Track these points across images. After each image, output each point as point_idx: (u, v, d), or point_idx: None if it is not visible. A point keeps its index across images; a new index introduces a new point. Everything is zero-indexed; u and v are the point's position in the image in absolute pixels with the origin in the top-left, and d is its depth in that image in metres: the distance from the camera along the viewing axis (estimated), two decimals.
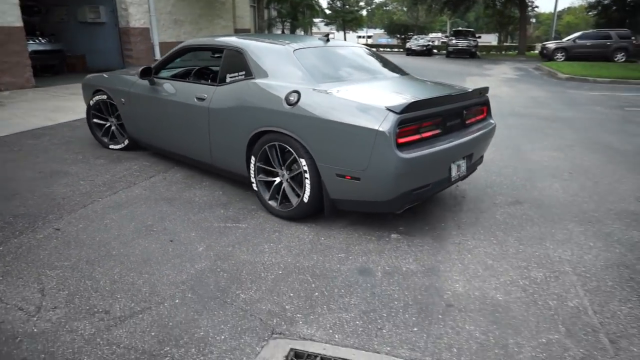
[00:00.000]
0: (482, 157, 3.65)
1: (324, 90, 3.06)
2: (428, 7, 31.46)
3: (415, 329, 2.13)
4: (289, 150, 3.10)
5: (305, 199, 3.08)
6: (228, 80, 3.56)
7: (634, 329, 2.15)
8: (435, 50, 33.48)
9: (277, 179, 3.30)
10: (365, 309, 2.28)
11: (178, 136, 4.04)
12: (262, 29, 17.36)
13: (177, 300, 2.32)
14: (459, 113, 3.19)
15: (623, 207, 3.69)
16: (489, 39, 52.05)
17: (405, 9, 36.53)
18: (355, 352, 1.97)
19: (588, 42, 23.35)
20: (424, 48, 31.02)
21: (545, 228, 3.27)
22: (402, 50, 37.43)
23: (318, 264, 2.71)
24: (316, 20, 31.18)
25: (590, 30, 26.63)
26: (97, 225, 3.17)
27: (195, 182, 4.08)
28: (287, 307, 2.29)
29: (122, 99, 4.52)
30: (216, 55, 4.65)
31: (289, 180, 3.23)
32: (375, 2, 53.04)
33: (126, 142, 4.84)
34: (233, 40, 3.75)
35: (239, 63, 3.52)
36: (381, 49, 43.09)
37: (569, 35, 27.22)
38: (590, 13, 36.33)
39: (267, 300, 2.34)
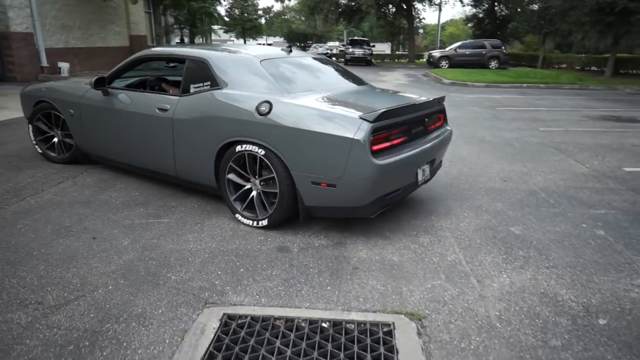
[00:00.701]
0: (441, 161, 3.87)
1: (294, 100, 3.11)
2: (325, 16, 32.85)
3: (329, 288, 2.53)
4: (261, 160, 3.12)
5: (279, 206, 3.12)
6: (192, 90, 3.50)
7: (493, 272, 2.76)
8: (334, 59, 34.99)
9: (249, 189, 3.32)
10: (286, 277, 2.64)
11: (137, 149, 3.89)
12: (160, 36, 16.94)
13: (110, 287, 2.48)
14: (421, 121, 3.37)
15: (490, 185, 4.48)
16: (383, 47, 55.53)
17: (303, 18, 37.61)
18: (280, 309, 2.31)
19: (467, 51, 26.04)
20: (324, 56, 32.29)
21: (431, 205, 3.89)
22: None
23: (240, 247, 3.01)
24: (215, 27, 30.91)
25: (468, 41, 29.82)
26: (9, 231, 3.14)
27: (108, 185, 4.12)
28: (216, 282, 2.56)
29: (71, 110, 4.28)
30: (171, 65, 4.63)
31: (260, 191, 3.26)
32: (274, 11, 53.88)
33: (67, 155, 4.61)
34: (195, 51, 3.70)
35: (203, 73, 3.47)
36: None
37: (452, 45, 30.16)
38: (468, 25, 40.46)
39: (197, 279, 2.59)
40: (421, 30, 67.26)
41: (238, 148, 3.19)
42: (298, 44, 49.33)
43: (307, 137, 2.88)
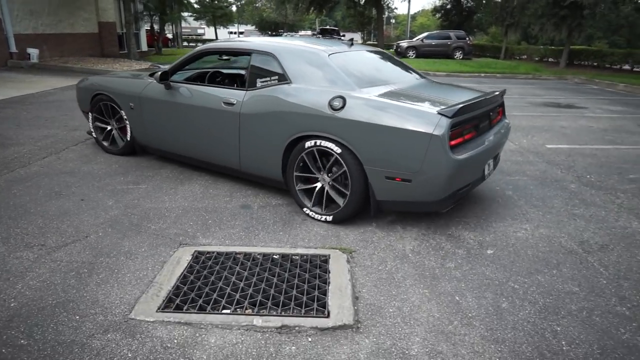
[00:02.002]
0: (499, 155, 3.78)
1: (366, 95, 3.11)
2: (295, 5, 33.12)
3: (281, 233, 3.14)
4: (332, 154, 3.14)
5: (352, 199, 3.15)
6: (259, 84, 3.51)
7: (414, 221, 3.41)
8: None
9: (318, 185, 3.35)
10: (246, 226, 3.22)
11: (200, 142, 3.90)
12: (129, 23, 16.96)
13: (100, 234, 3.01)
14: (487, 114, 3.38)
15: None
16: (355, 37, 56.12)
17: (273, 6, 37.74)
18: (240, 247, 2.91)
19: (433, 42, 26.82)
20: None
21: None
22: None
23: (209, 205, 3.57)
24: (185, 14, 30.77)
25: (434, 32, 30.64)
26: (6, 195, 3.61)
27: (90, 160, 4.59)
28: (189, 230, 3.12)
29: (131, 104, 4.29)
30: (224, 58, 4.69)
31: (328, 186, 3.29)
32: None
33: (123, 145, 4.64)
34: (261, 44, 3.67)
35: (270, 67, 3.48)
36: None
37: (419, 35, 30.96)
38: (436, 16, 41.41)
39: (173, 228, 3.15)
40: (393, 21, 68.15)
41: (309, 143, 3.21)
42: (269, 32, 49.33)
43: (384, 132, 2.90)
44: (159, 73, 4.02)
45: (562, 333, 2.15)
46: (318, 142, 3.17)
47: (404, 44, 28.34)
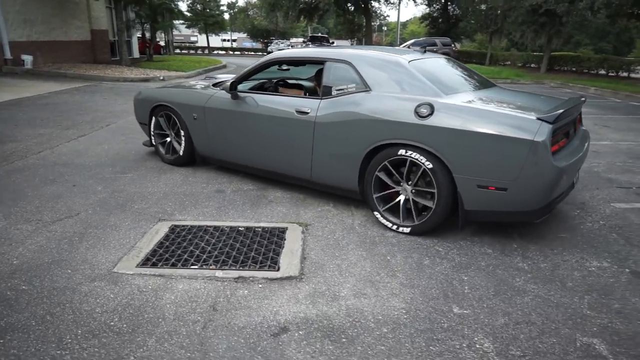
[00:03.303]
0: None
1: (454, 101, 3.06)
2: (285, 13, 33.79)
3: (248, 211, 3.61)
4: (417, 163, 3.06)
5: (437, 211, 3.05)
6: (335, 93, 3.47)
7: (362, 203, 3.90)
8: None
9: (402, 197, 3.26)
10: (219, 206, 3.69)
11: (268, 152, 3.87)
12: (121, 31, 17.43)
13: (90, 212, 3.47)
14: (574, 122, 3.34)
15: None
16: (345, 44, 56.96)
17: (264, 14, 38.44)
18: (212, 222, 3.37)
19: (419, 48, 27.48)
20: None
21: None
22: (265, 53, 39.24)
23: (187, 190, 4.04)
24: (177, 22, 31.30)
25: (421, 38, 31.43)
26: (5, 182, 4.05)
27: (81, 154, 5.05)
28: (167, 209, 3.59)
29: (194, 115, 4.28)
30: (284, 68, 4.64)
31: (410, 197, 3.19)
32: (238, 6, 54.29)
33: (179, 154, 4.59)
34: (336, 52, 3.63)
35: (346, 75, 3.45)
36: (246, 52, 44.40)
37: (406, 42, 31.67)
38: (423, 23, 42.27)
39: (153, 207, 3.61)
40: (385, 28, 69.17)
41: (392, 151, 3.14)
42: (261, 39, 50.04)
43: (478, 139, 2.80)
44: (229, 83, 4.00)
45: (467, 281, 2.63)
46: (402, 150, 3.09)
47: None
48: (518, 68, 26.06)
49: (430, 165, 3.00)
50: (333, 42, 35.71)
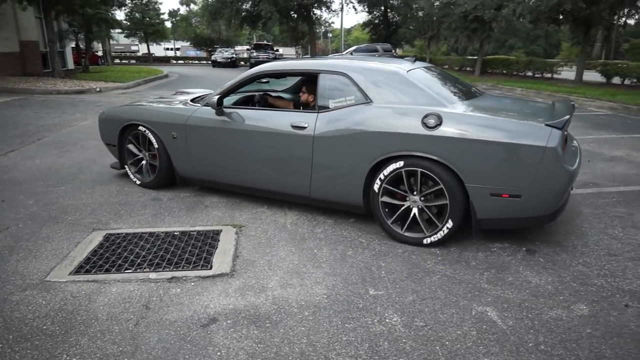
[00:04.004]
0: None
1: (460, 110, 3.08)
2: (227, 22, 33.66)
3: (184, 217, 3.73)
4: (426, 174, 3.03)
5: (451, 221, 3.03)
6: (332, 106, 3.37)
7: (297, 204, 4.13)
8: (242, 62, 35.94)
9: (406, 204, 3.21)
10: (155, 213, 3.79)
11: (263, 170, 3.71)
12: (53, 42, 16.76)
13: (20, 225, 3.46)
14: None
15: None
16: (291, 51, 57.38)
17: (205, 23, 38.10)
18: (147, 229, 3.47)
19: (362, 55, 28.24)
20: (229, 60, 33.22)
21: None
22: (209, 62, 38.81)
23: (123, 200, 4.09)
24: (115, 32, 30.42)
25: (363, 45, 32.30)
26: None
27: (10, 169, 4.94)
28: (102, 219, 3.64)
29: (174, 133, 4.00)
30: (264, 81, 4.44)
31: (422, 206, 3.15)
32: (180, 15, 53.31)
33: (150, 178, 4.34)
34: (329, 64, 3.54)
35: (343, 88, 3.36)
36: (190, 62, 43.71)
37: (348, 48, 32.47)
38: (365, 30, 43.46)
39: (88, 218, 3.65)
40: (330, 35, 70.31)
41: (399, 164, 3.08)
42: (204, 48, 49.41)
43: (491, 148, 2.82)
44: (214, 98, 3.76)
45: (384, 267, 2.91)
46: (410, 162, 3.05)
47: (335, 56, 29.67)
48: (455, 71, 27.40)
49: (439, 175, 2.97)
50: (277, 50, 35.98)
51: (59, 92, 12.58)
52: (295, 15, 34.14)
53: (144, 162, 4.40)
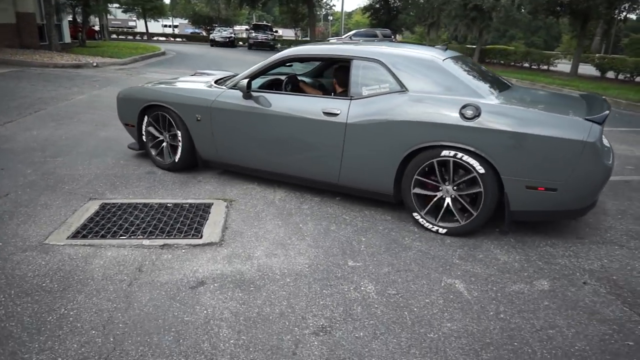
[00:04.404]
0: None
1: (498, 102, 3.06)
2: (227, 0, 33.31)
3: (177, 190, 3.89)
4: (460, 164, 3.03)
5: (481, 212, 3.05)
6: (366, 93, 3.34)
7: (285, 182, 4.29)
8: (241, 43, 35.67)
9: (439, 194, 3.21)
10: (149, 186, 3.94)
11: (290, 155, 3.67)
12: (50, 14, 16.61)
13: (19, 192, 3.61)
14: None
15: None
16: (290, 33, 56.88)
17: (204, 1, 37.66)
18: (141, 200, 3.62)
19: (360, 39, 28.07)
20: (227, 40, 32.93)
21: None
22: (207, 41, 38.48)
23: (119, 172, 4.24)
24: (112, 6, 30.04)
25: (362, 29, 32.09)
26: None
27: (8, 139, 5.06)
28: (98, 189, 3.79)
29: (198, 116, 3.92)
30: (287, 64, 4.23)
31: (457, 196, 3.15)
32: None
33: (171, 160, 4.26)
34: (364, 50, 3.47)
35: (377, 75, 3.32)
36: (187, 40, 43.28)
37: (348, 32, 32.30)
38: (365, 14, 43.15)
39: (84, 188, 3.80)
40: (331, 18, 69.65)
41: (436, 152, 3.07)
42: (203, 26, 48.89)
43: (529, 140, 2.82)
44: (243, 81, 3.66)
45: (364, 242, 3.09)
46: (446, 152, 3.04)
47: (333, 40, 29.53)
48: None
49: (479, 167, 2.96)
50: (277, 31, 35.70)
51: (56, 66, 12.57)
52: None
53: (164, 144, 4.31)
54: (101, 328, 2.10)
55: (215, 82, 4.19)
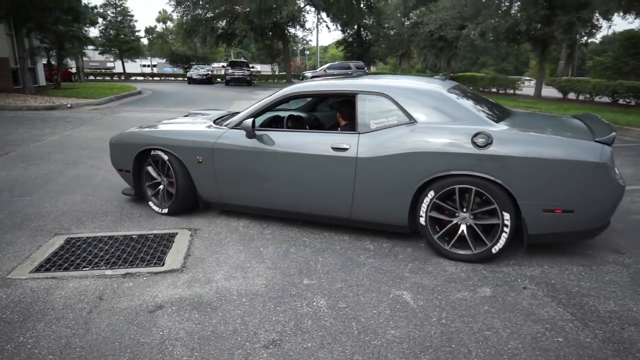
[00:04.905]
0: None
1: (506, 129, 3.14)
2: (202, 39, 34.03)
3: (144, 222, 3.99)
4: (477, 192, 3.08)
5: (503, 238, 3.09)
6: (373, 126, 3.37)
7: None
8: (219, 79, 36.25)
9: (455, 220, 3.23)
10: (115, 219, 4.04)
11: (300, 193, 3.64)
12: (24, 58, 16.80)
13: None
14: None
15: None
16: (266, 68, 58.08)
17: (180, 40, 38.41)
18: (107, 233, 3.72)
19: (335, 72, 29.00)
20: (204, 77, 33.45)
21: None
22: (185, 78, 38.99)
23: (86, 208, 4.33)
24: (89, 49, 30.39)
25: (336, 62, 33.14)
26: None
27: None
28: (65, 225, 3.88)
29: (199, 157, 3.86)
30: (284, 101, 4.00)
31: (471, 223, 3.18)
32: (156, 32, 53.45)
33: (166, 210, 4.14)
34: (368, 85, 3.54)
35: (384, 108, 3.36)
36: (166, 78, 43.79)
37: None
38: (339, 48, 44.47)
39: (51, 224, 3.88)
40: (307, 52, 71.47)
41: (446, 182, 3.13)
42: (181, 65, 49.58)
43: (544, 165, 2.91)
44: (248, 121, 3.62)
45: (321, 261, 3.24)
46: (460, 180, 3.09)
47: (308, 73, 30.40)
48: None
49: (491, 193, 3.03)
50: (253, 67, 36.43)
51: (29, 108, 12.65)
52: (270, 34, 34.77)
53: (161, 187, 4.20)
54: (58, 353, 2.18)
55: (214, 122, 4.15)
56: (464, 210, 3.19)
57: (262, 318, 2.51)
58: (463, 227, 3.20)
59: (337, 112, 4.09)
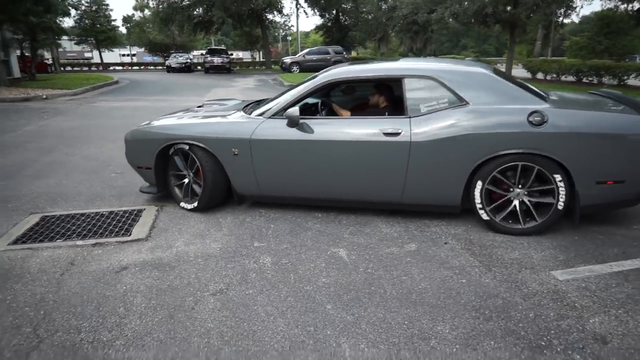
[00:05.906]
0: None
1: (557, 107, 3.29)
2: (179, 27, 33.81)
3: (115, 201, 4.32)
4: (530, 168, 3.22)
5: (559, 210, 3.27)
6: (424, 110, 3.38)
7: None
8: (199, 67, 36.10)
9: (508, 195, 3.37)
10: (88, 199, 4.37)
11: (349, 180, 3.59)
12: None
13: None
14: None
15: None
16: (246, 55, 57.77)
17: (156, 29, 38.04)
18: (79, 211, 4.06)
19: (314, 57, 29.16)
20: (183, 65, 33.31)
21: None
22: (164, 67, 38.73)
23: (60, 190, 4.64)
24: (64, 39, 30.01)
25: (314, 48, 33.23)
26: None
27: None
28: (40, 205, 4.20)
29: (235, 150, 3.70)
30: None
31: (528, 200, 3.34)
32: (134, 20, 52.74)
33: (195, 204, 3.96)
34: (414, 68, 3.57)
35: (435, 91, 3.39)
36: (144, 67, 43.39)
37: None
38: (318, 33, 44.47)
39: (27, 205, 4.20)
40: (289, 38, 71.09)
41: (503, 161, 3.23)
42: (160, 53, 49.09)
43: (596, 139, 3.12)
44: (295, 109, 3.50)
45: (273, 228, 3.63)
46: (517, 158, 3.21)
47: (287, 59, 30.46)
48: None
49: (548, 169, 3.19)
50: (232, 54, 36.31)
51: (4, 100, 12.70)
52: (248, 20, 34.67)
53: (185, 180, 4.06)
54: (34, 305, 2.55)
55: (246, 112, 4.02)
56: (519, 186, 3.33)
57: (214, 273, 2.90)
58: (516, 203, 3.37)
59: (379, 94, 4.08)
